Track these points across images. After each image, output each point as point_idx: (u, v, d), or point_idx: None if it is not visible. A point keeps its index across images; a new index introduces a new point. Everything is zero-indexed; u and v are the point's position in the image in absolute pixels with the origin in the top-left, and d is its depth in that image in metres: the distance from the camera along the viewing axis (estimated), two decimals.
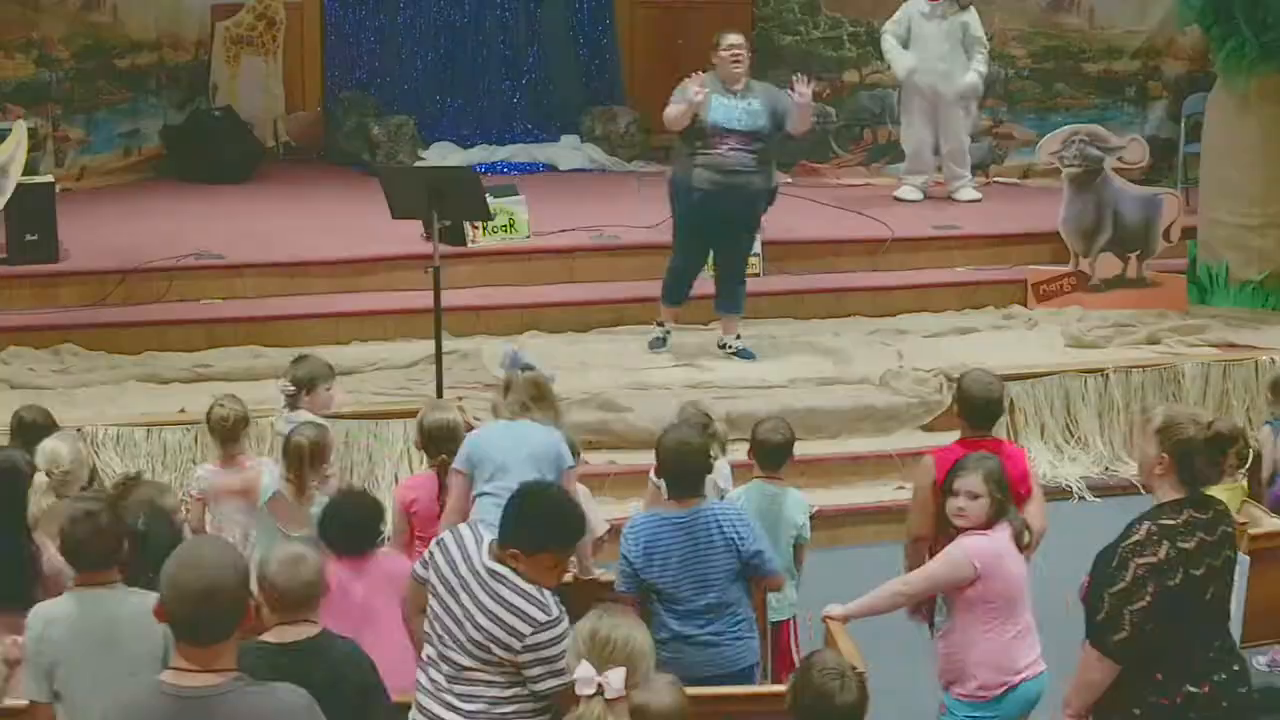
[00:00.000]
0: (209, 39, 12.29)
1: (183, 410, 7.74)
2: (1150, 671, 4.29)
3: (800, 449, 7.92)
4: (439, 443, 5.71)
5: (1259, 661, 6.41)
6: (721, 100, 8.33)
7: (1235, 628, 5.64)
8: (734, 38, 8.49)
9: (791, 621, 5.86)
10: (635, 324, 9.15)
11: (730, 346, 8.78)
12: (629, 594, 5.13)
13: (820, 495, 7.63)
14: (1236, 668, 4.43)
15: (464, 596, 4.22)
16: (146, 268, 9.30)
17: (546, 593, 4.25)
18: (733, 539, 5.09)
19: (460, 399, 8.02)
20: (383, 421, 7.82)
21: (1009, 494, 4.99)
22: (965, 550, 4.87)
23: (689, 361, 8.70)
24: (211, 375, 8.38)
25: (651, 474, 5.66)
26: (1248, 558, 5.70)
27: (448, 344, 8.83)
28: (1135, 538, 4.26)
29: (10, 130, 9.32)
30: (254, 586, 4.17)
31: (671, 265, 8.74)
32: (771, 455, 5.80)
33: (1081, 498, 8.09)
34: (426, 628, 4.32)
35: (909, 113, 10.81)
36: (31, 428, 6.13)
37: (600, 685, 3.52)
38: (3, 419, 7.28)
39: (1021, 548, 4.99)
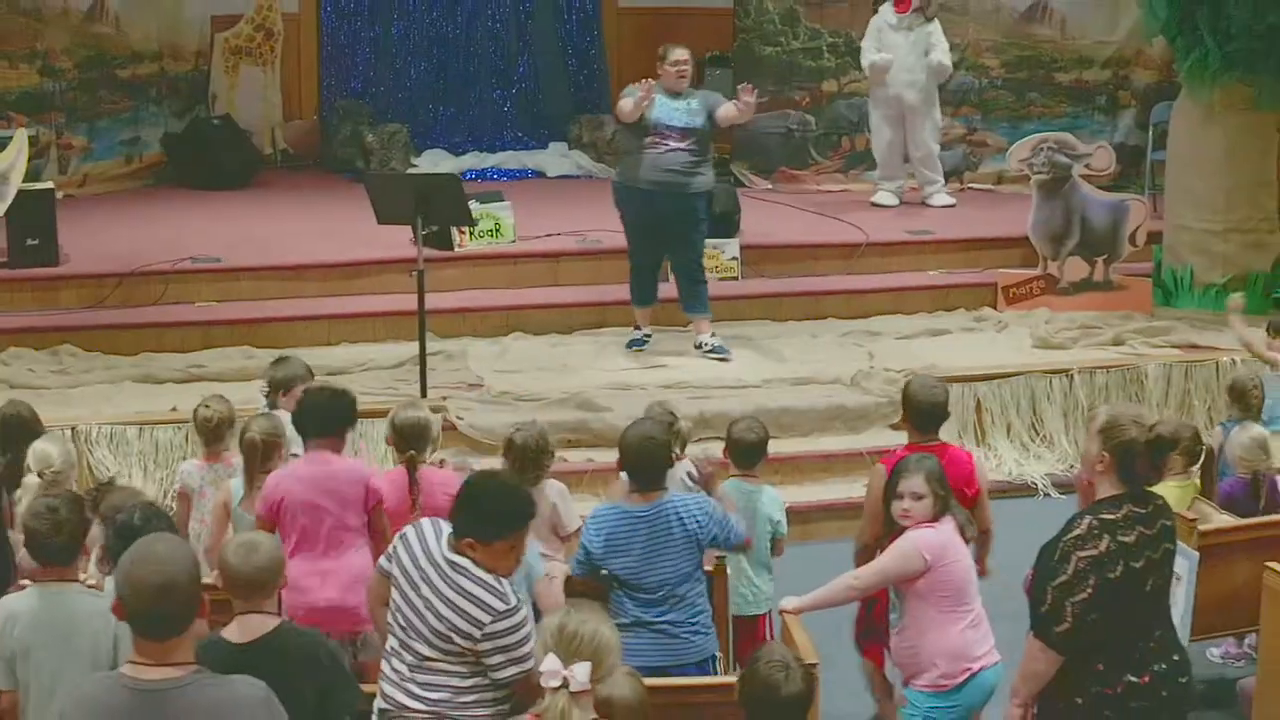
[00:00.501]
0: (209, 49, 12.29)
1: (174, 409, 7.73)
2: (1092, 661, 4.31)
3: (774, 447, 7.90)
4: (409, 440, 5.70)
5: (1213, 653, 6.43)
6: (664, 100, 8.41)
7: (1185, 621, 5.71)
8: (679, 53, 8.51)
9: (768, 615, 5.85)
10: (617, 326, 9.13)
11: (706, 345, 8.76)
12: (584, 578, 5.12)
13: (793, 492, 7.63)
14: (1176, 658, 4.43)
15: (425, 588, 4.21)
16: (143, 271, 9.28)
17: (505, 582, 4.24)
18: (694, 531, 5.07)
19: (444, 398, 8.07)
20: (368, 420, 7.79)
21: (950, 491, 4.97)
22: (914, 542, 4.87)
23: (666, 362, 8.69)
24: (205, 376, 8.35)
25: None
26: (1197, 553, 5.72)
27: (435, 345, 8.87)
28: (1076, 532, 4.27)
29: (12, 138, 9.31)
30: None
31: (631, 267, 8.78)
32: (746, 454, 5.80)
33: (1046, 494, 8.09)
34: (390, 619, 4.32)
35: (877, 121, 10.80)
36: (15, 424, 6.13)
37: (565, 678, 3.51)
38: None
39: (966, 540, 4.99)
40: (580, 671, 3.51)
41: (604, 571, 5.09)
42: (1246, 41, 9.04)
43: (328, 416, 5.49)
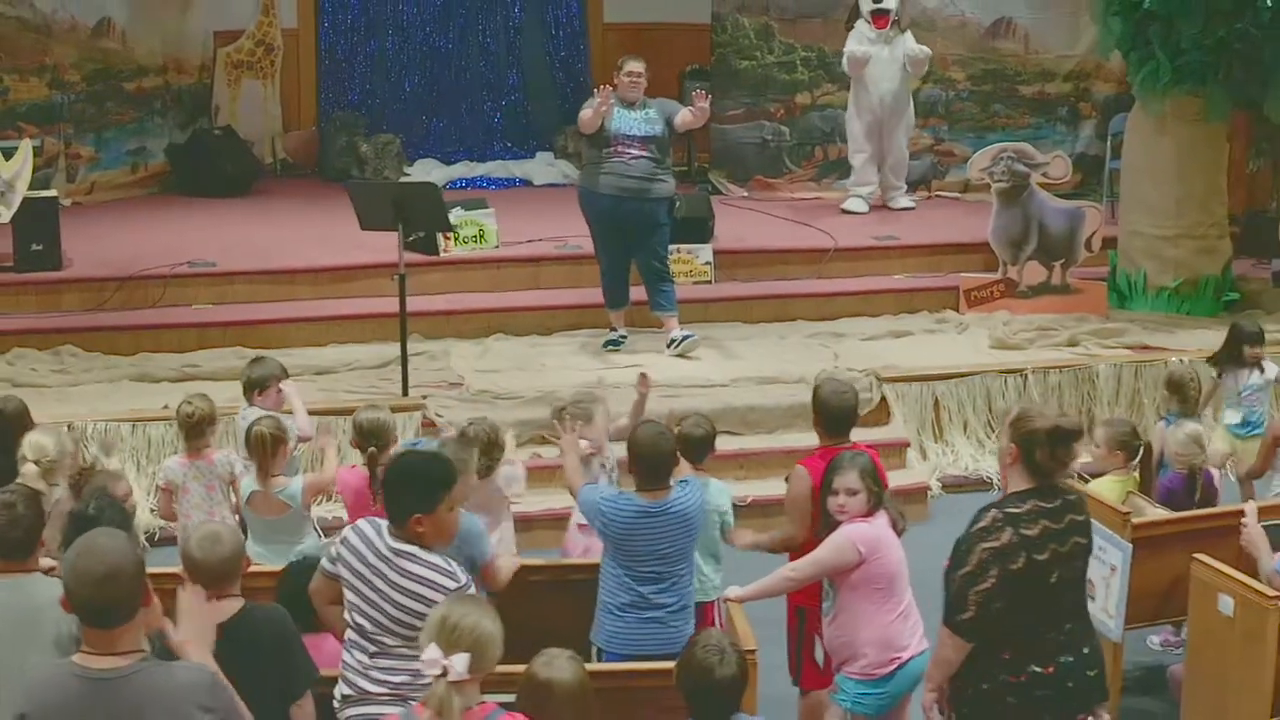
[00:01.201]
0: (211, 63, 12.31)
1: (165, 407, 7.70)
2: (999, 650, 4.29)
3: (739, 443, 8.07)
4: (369, 437, 5.71)
5: (1152, 641, 6.42)
6: (621, 111, 8.44)
7: (1120, 609, 5.71)
8: (635, 64, 8.56)
9: (716, 603, 5.84)
10: (595, 327, 9.12)
11: (676, 340, 8.74)
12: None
13: (757, 486, 7.64)
14: (1086, 650, 4.39)
15: (377, 581, 4.20)
16: (142, 275, 9.31)
17: (452, 562, 4.26)
18: (696, 524, 5.08)
19: (424, 397, 8.07)
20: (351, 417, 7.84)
21: (883, 487, 4.97)
22: (849, 536, 4.86)
23: (640, 362, 8.64)
24: (199, 375, 8.36)
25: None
26: (1131, 545, 5.71)
27: (419, 346, 8.89)
28: (982, 524, 4.26)
29: (17, 148, 9.32)
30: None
31: (600, 271, 8.79)
32: (695, 448, 5.71)
33: (1000, 489, 8.07)
34: (347, 616, 4.29)
35: (855, 130, 10.80)
36: (12, 417, 6.15)
37: (445, 668, 3.47)
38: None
39: (899, 533, 4.98)
40: (459, 662, 3.47)
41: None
42: (1196, 56, 9.04)
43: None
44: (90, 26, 11.32)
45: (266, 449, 5.78)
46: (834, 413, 5.52)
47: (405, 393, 8.02)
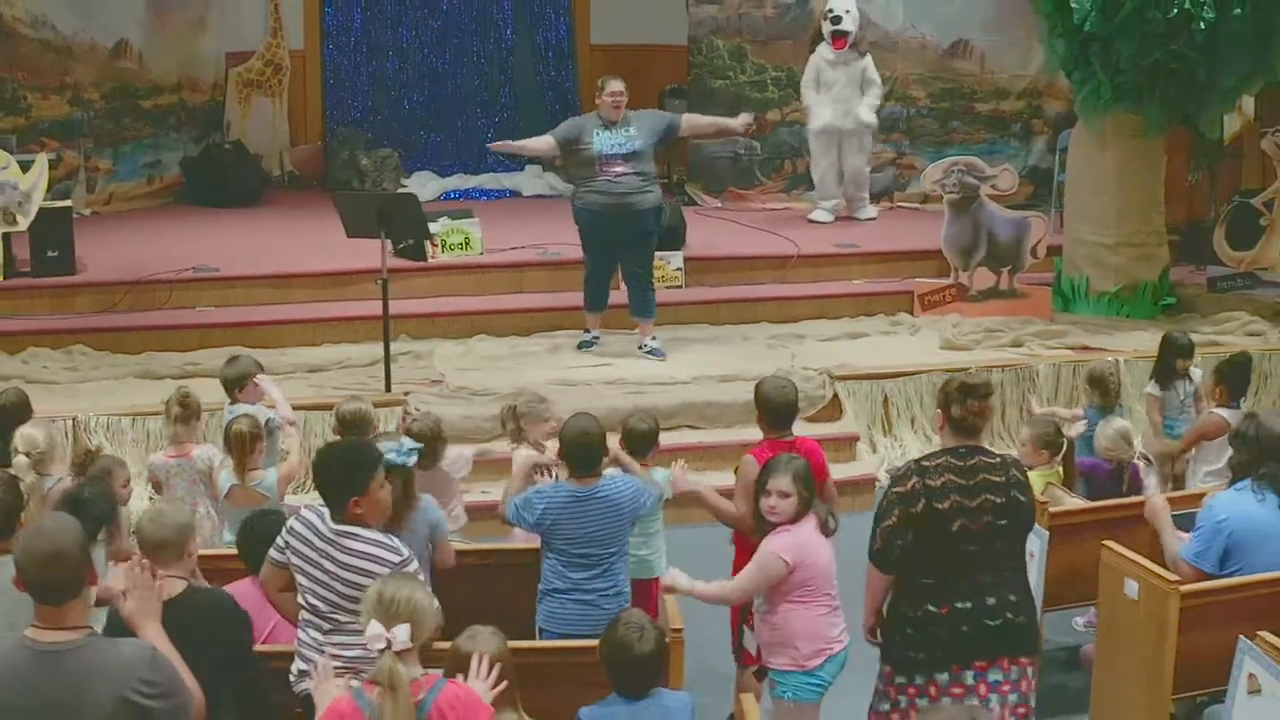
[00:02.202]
0: (224, 82, 12.35)
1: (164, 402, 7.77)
2: (908, 587, 4.57)
3: (698, 436, 8.08)
4: (351, 428, 5.74)
5: (1077, 622, 6.42)
6: (603, 133, 8.29)
7: (1038, 592, 5.69)
8: (616, 84, 8.40)
9: (658, 580, 5.83)
10: (572, 329, 9.11)
11: (646, 346, 8.77)
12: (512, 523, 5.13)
13: (715, 477, 7.54)
14: (991, 601, 4.52)
15: (326, 563, 4.21)
16: (150, 280, 9.32)
17: (393, 538, 4.28)
18: (629, 512, 5.07)
19: (406, 393, 8.08)
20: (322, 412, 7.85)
21: (815, 490, 4.91)
22: (774, 551, 4.78)
23: (610, 362, 8.68)
24: (199, 372, 8.31)
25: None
26: (1048, 532, 5.71)
27: (406, 345, 8.91)
28: (899, 474, 4.61)
29: (34, 161, 9.36)
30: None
31: (585, 276, 8.75)
32: (639, 442, 5.74)
33: None
34: (300, 599, 4.30)
35: (816, 147, 10.80)
36: (9, 410, 6.18)
37: (388, 640, 3.51)
38: (39, 410, 7.39)
39: (828, 534, 4.92)
40: (401, 633, 3.50)
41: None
42: (1134, 76, 9.01)
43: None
44: (109, 48, 11.36)
45: (245, 446, 5.79)
46: (775, 407, 5.55)
47: (388, 389, 8.04)
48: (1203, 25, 8.73)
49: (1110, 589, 5.26)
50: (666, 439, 7.71)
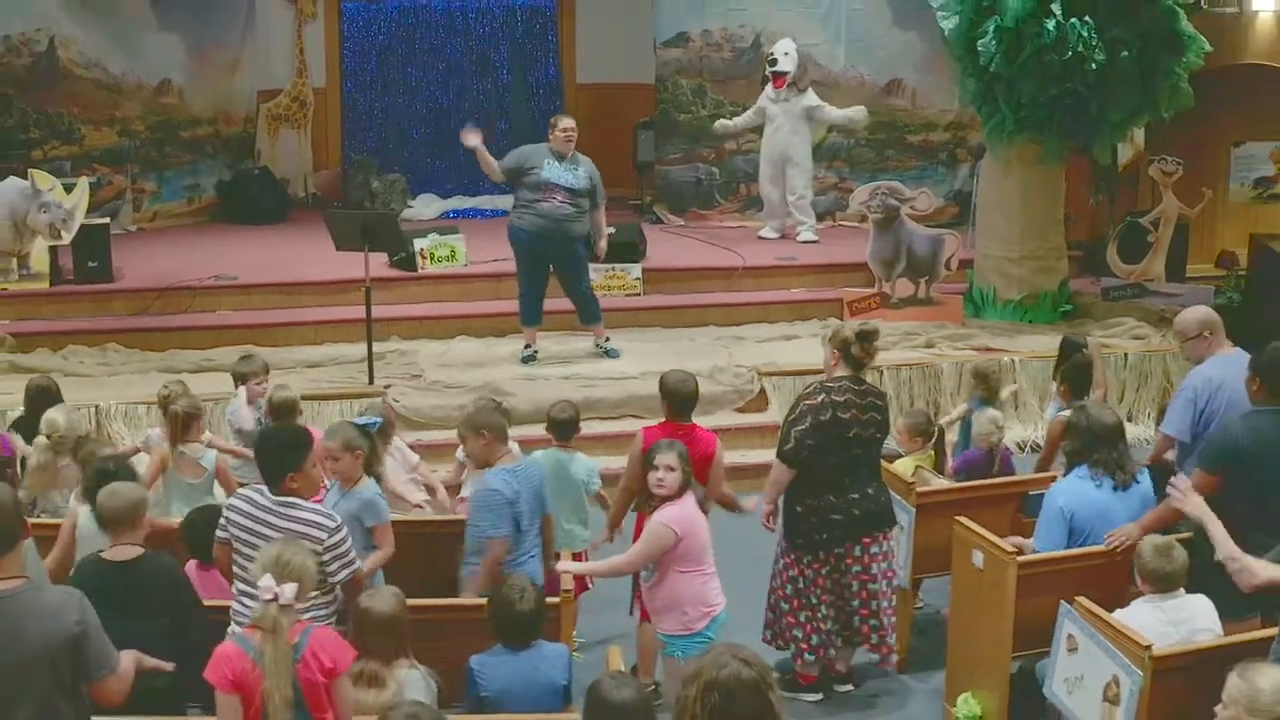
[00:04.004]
0: (255, 116, 12.43)
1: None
2: (811, 484, 5.20)
3: (642, 425, 8.00)
4: (280, 415, 5.78)
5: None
6: (553, 163, 8.18)
7: (906, 561, 5.72)
8: (567, 121, 8.30)
9: (585, 553, 5.86)
10: (543, 331, 9.08)
11: (601, 347, 8.79)
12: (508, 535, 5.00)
13: None
14: (870, 491, 5.33)
15: (267, 531, 4.24)
16: (177, 286, 9.41)
17: (327, 509, 4.34)
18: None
19: (387, 386, 8.14)
20: (326, 401, 7.91)
21: (691, 470, 4.91)
22: (664, 522, 4.80)
23: (567, 359, 8.72)
24: (213, 367, 8.40)
25: (459, 452, 5.73)
26: (915, 509, 5.73)
27: (394, 345, 8.96)
28: (809, 390, 5.29)
29: (76, 184, 9.47)
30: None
31: (521, 292, 8.54)
32: (561, 428, 5.79)
33: None
34: (236, 570, 4.33)
35: (763, 174, 10.78)
36: (39, 393, 6.27)
37: (276, 594, 3.57)
38: (71, 399, 7.38)
39: (705, 512, 4.96)
40: (288, 590, 3.55)
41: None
42: (1034, 110, 8.99)
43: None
44: (153, 86, 11.46)
45: (179, 424, 5.76)
46: (676, 397, 5.58)
47: (371, 381, 8.11)
48: (1094, 66, 8.71)
49: (960, 559, 5.26)
50: (614, 427, 7.90)
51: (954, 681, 5.34)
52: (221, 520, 4.41)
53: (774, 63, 10.47)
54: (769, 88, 10.57)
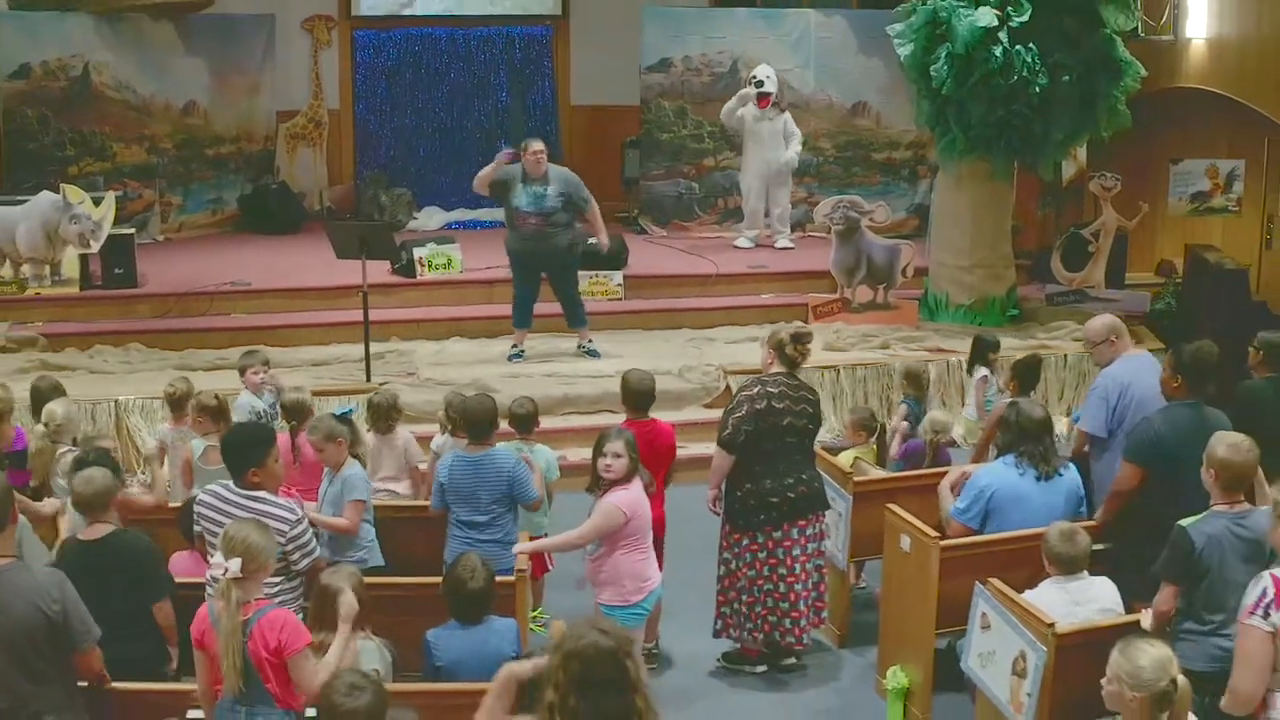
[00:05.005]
0: (274, 134, 12.42)
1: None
2: (750, 470, 5.25)
3: (617, 420, 8.04)
4: (290, 414, 5.81)
5: None
6: (523, 190, 8.16)
7: (844, 544, 5.73)
8: (536, 144, 8.25)
9: (543, 536, 5.85)
10: (531, 333, 9.10)
11: (583, 347, 8.81)
12: (438, 509, 5.10)
13: None
14: (805, 476, 5.34)
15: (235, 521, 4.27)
16: (196, 291, 9.46)
17: (290, 501, 4.36)
18: (509, 479, 5.08)
19: (383, 383, 8.15)
20: (328, 397, 7.92)
21: (638, 458, 4.93)
22: (615, 504, 4.84)
23: (550, 359, 8.74)
24: (226, 366, 8.36)
25: (433, 442, 5.77)
26: (852, 496, 5.73)
27: (395, 345, 8.98)
28: (747, 385, 5.38)
29: (104, 198, 9.51)
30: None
31: (514, 298, 8.61)
32: (521, 422, 5.80)
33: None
34: (209, 557, 4.24)
35: (751, 189, 10.74)
36: (43, 392, 6.29)
37: (226, 568, 3.60)
38: (92, 394, 7.62)
39: (650, 496, 4.99)
40: (233, 565, 3.58)
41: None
42: (983, 130, 9.00)
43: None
44: (180, 107, 11.47)
45: (208, 415, 5.83)
46: (635, 394, 5.66)
47: (368, 379, 8.14)
48: (1038, 89, 8.72)
49: (891, 543, 5.28)
50: (588, 421, 7.90)
51: (885, 655, 5.36)
52: (195, 517, 4.43)
53: (760, 84, 10.47)
54: (752, 106, 10.56)
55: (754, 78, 10.63)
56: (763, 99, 10.55)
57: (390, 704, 3.33)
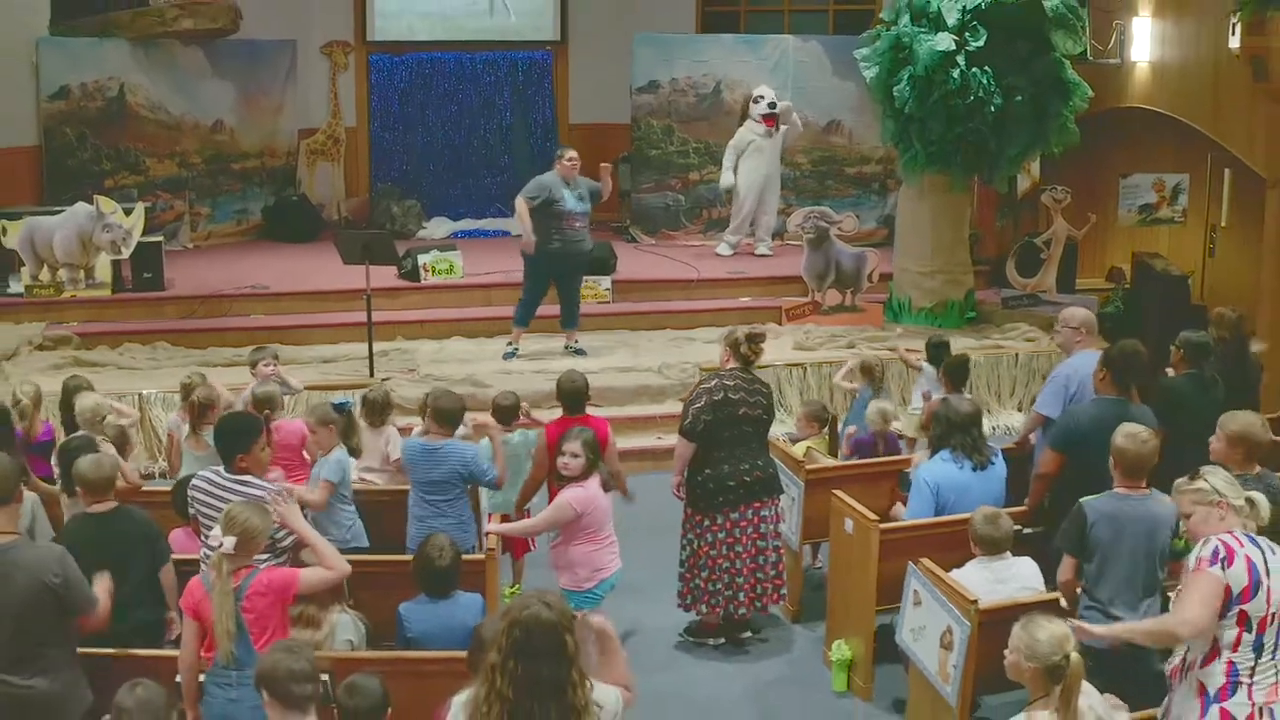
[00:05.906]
0: (295, 150, 12.50)
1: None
2: (709, 456, 5.29)
3: (599, 413, 8.06)
4: (260, 405, 5.83)
5: None
6: (568, 193, 8.24)
7: (797, 527, 5.75)
8: (572, 152, 8.37)
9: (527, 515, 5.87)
10: (526, 334, 9.15)
11: (570, 347, 8.85)
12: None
13: None
14: (760, 463, 5.38)
15: (225, 506, 4.22)
16: (218, 294, 9.51)
17: (275, 485, 4.37)
18: (460, 463, 5.08)
19: (384, 379, 8.21)
20: (331, 391, 7.96)
21: (599, 455, 4.96)
22: (567, 500, 4.86)
23: (540, 357, 8.77)
24: (243, 362, 8.28)
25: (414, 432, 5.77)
26: (804, 483, 5.76)
27: (399, 344, 9.01)
28: (706, 379, 5.44)
29: (135, 208, 9.59)
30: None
31: (524, 299, 8.59)
32: (503, 413, 5.81)
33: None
34: (202, 538, 4.35)
35: (740, 198, 10.70)
36: (74, 390, 6.35)
37: (221, 543, 3.64)
38: (120, 388, 7.66)
39: (607, 490, 5.00)
40: (228, 542, 3.63)
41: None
42: (942, 146, 8.98)
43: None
44: (209, 125, 11.55)
45: (196, 410, 5.81)
46: (568, 394, 5.67)
47: (371, 375, 8.19)
48: (993, 109, 8.72)
49: (836, 527, 5.30)
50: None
51: (832, 630, 5.38)
52: (189, 496, 4.46)
53: (773, 106, 10.47)
54: (755, 126, 10.54)
55: (761, 98, 10.61)
56: (769, 119, 10.57)
57: (360, 672, 3.37)
